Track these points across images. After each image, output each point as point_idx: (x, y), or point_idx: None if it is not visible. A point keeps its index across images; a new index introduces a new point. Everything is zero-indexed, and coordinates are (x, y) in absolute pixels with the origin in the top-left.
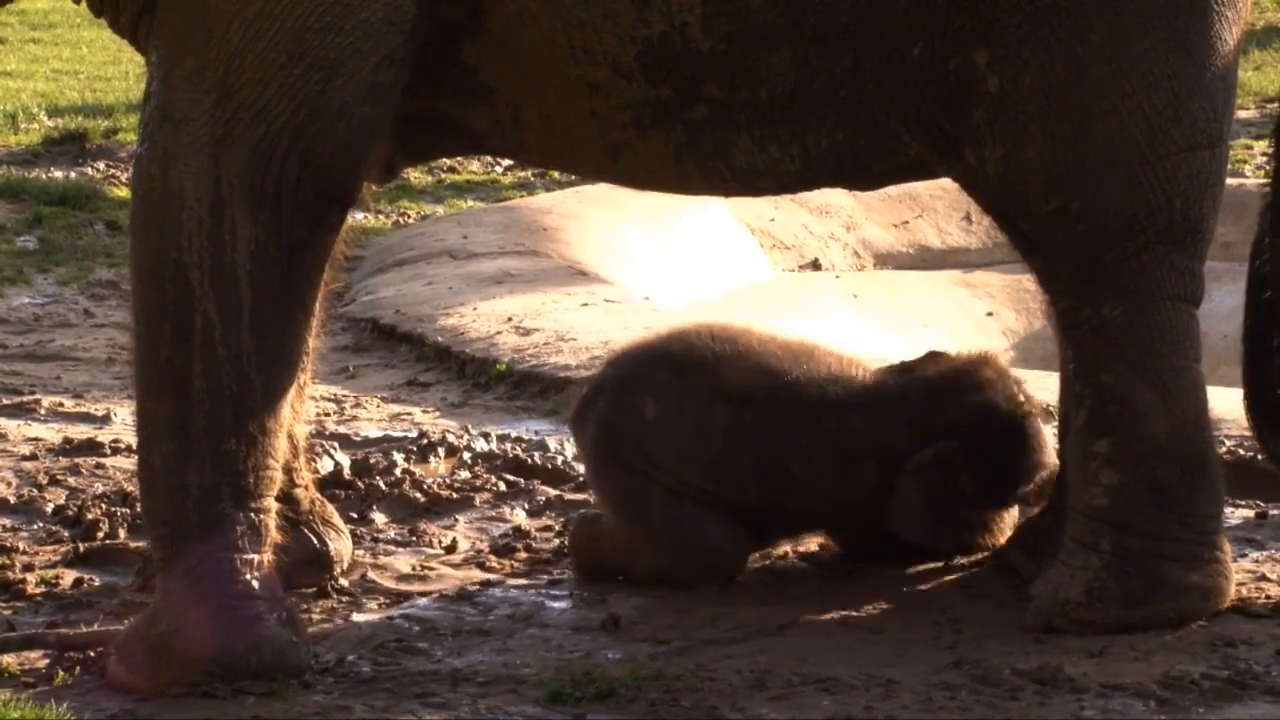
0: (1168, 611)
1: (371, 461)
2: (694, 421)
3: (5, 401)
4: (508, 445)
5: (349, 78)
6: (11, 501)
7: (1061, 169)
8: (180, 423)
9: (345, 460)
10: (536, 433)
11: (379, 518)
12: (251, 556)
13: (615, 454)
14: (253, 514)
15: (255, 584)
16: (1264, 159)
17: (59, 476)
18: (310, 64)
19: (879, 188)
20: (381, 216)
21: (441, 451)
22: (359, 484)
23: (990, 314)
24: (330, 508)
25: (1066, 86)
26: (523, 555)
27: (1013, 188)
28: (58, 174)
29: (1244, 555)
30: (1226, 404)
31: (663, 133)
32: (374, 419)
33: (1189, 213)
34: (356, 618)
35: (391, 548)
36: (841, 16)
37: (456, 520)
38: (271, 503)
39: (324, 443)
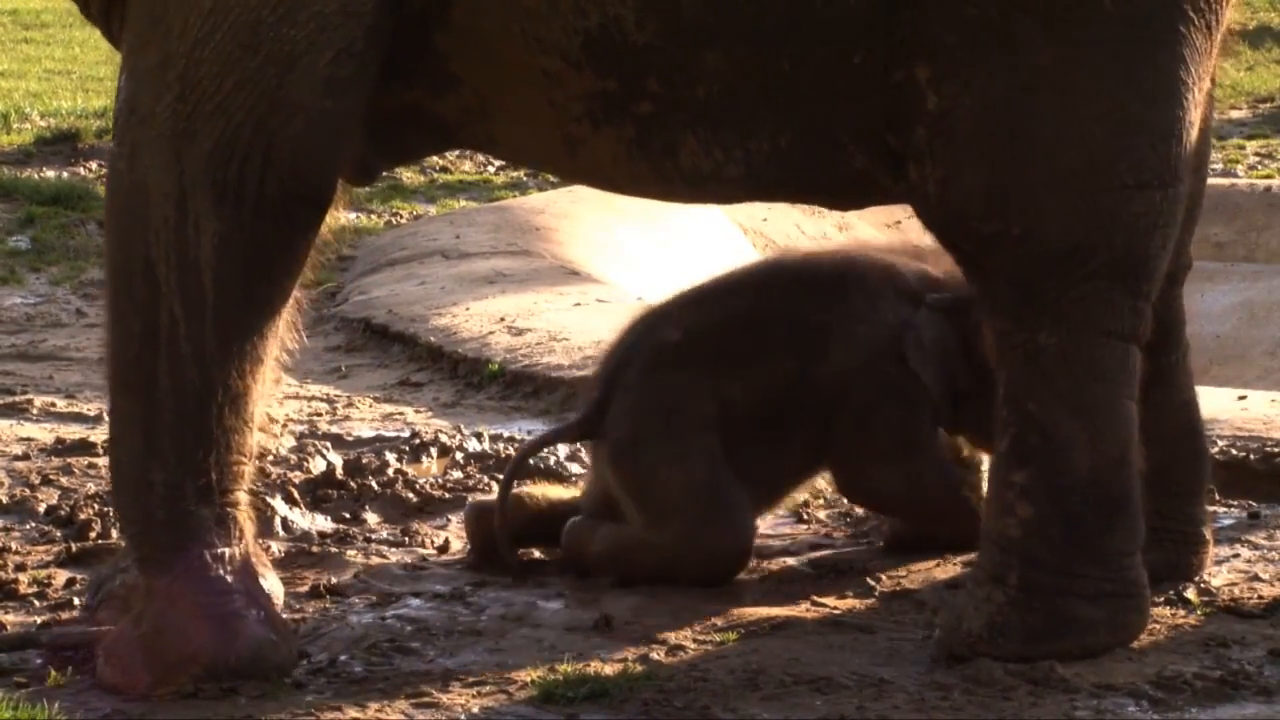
0: (1071, 648)
1: (364, 461)
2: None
3: None
4: (500, 445)
5: (305, 71)
6: (4, 501)
7: (1001, 193)
8: (145, 419)
9: (338, 460)
10: (529, 433)
11: (371, 518)
12: (222, 550)
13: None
14: (220, 508)
15: (229, 578)
16: (1257, 159)
17: (51, 476)
18: (266, 57)
19: (845, 206)
20: (374, 216)
21: (434, 451)
22: (351, 484)
23: None
24: (261, 553)
25: (1008, 110)
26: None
27: (953, 209)
28: (50, 174)
29: (1236, 555)
30: (1220, 404)
31: (614, 128)
32: (366, 419)
33: (1132, 251)
34: (349, 618)
35: (384, 548)
36: (772, 19)
37: (449, 520)
38: (242, 496)
39: (316, 442)
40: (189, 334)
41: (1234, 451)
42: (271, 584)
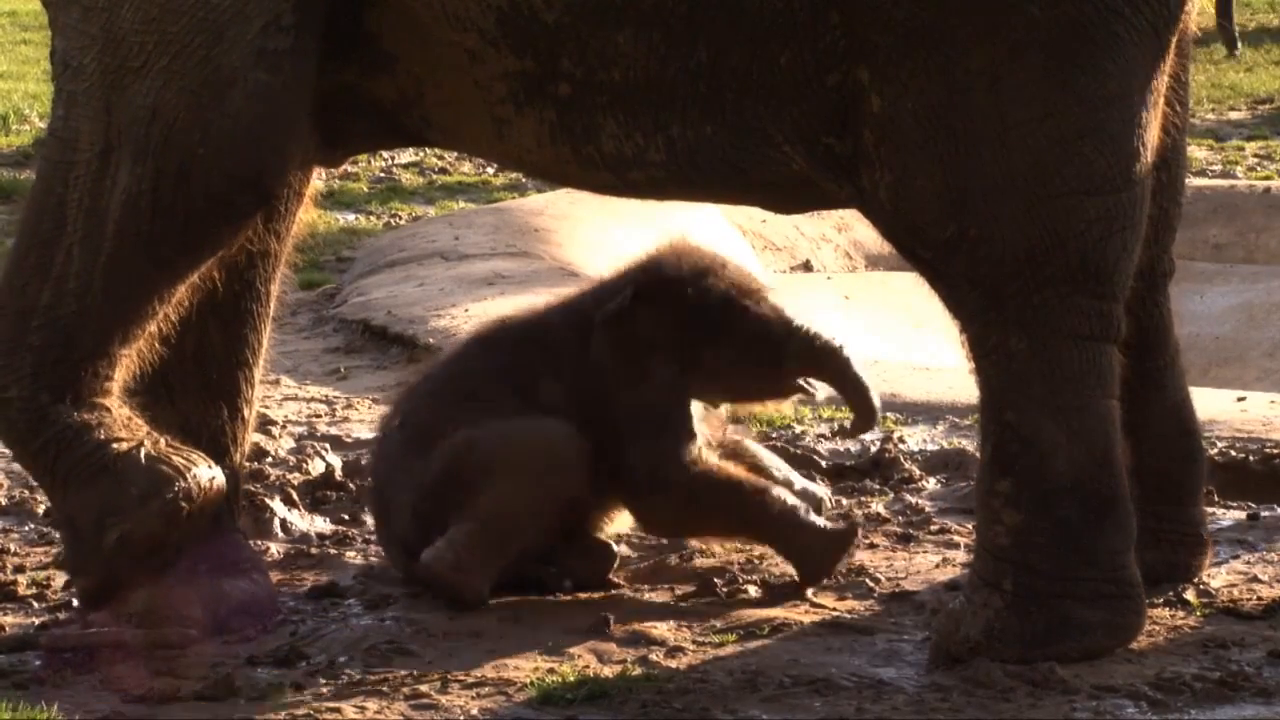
0: (1070, 651)
1: (363, 463)
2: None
3: None
4: None
5: (234, 42)
6: (3, 503)
7: (955, 195)
8: (14, 341)
9: (337, 461)
10: None
11: (370, 519)
12: (85, 417)
13: None
14: (77, 401)
15: (98, 436)
16: (1256, 160)
17: None
18: (190, 23)
19: (789, 209)
20: (373, 218)
21: None
22: (350, 485)
23: None
24: (257, 555)
25: (949, 111)
26: None
27: (907, 215)
28: None
29: (1235, 557)
30: (1219, 405)
31: (536, 109)
32: (365, 420)
33: (1088, 257)
34: (348, 619)
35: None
36: (681, 6)
37: None
38: (107, 400)
39: (315, 444)
40: (79, 273)
41: (1233, 453)
42: (266, 589)
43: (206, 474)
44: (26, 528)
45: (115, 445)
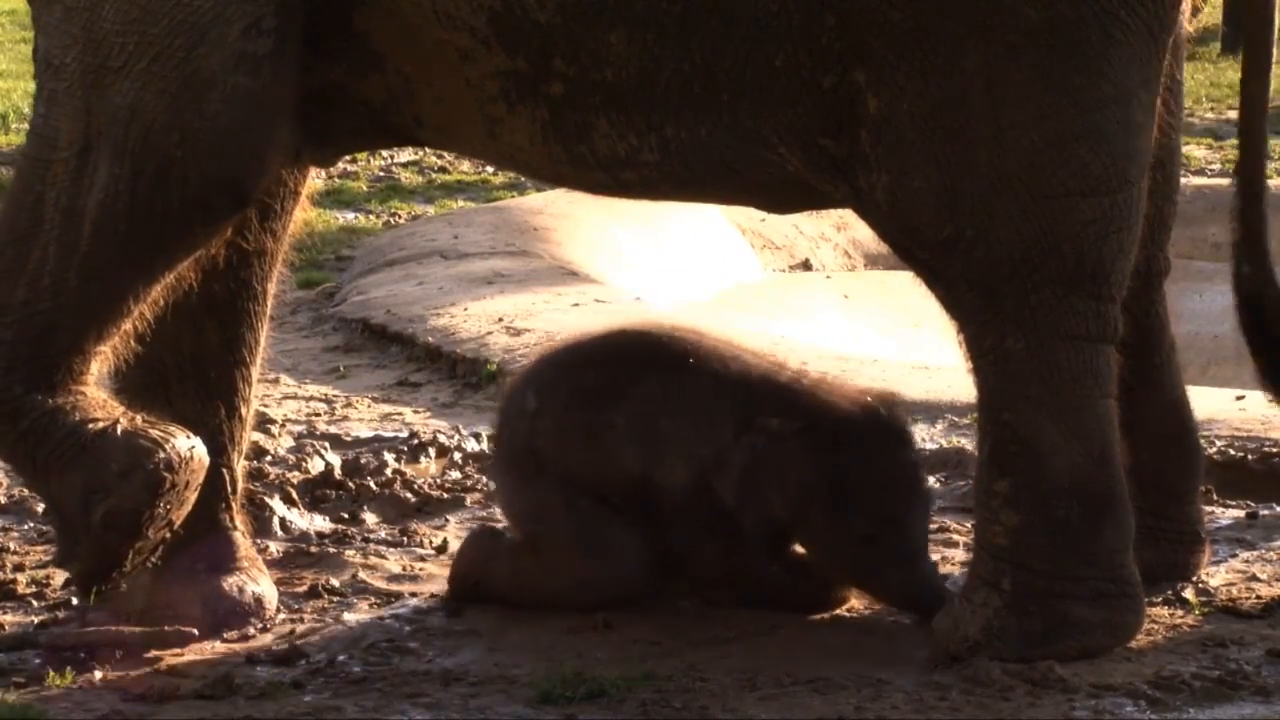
0: (1069, 650)
1: (362, 462)
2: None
3: None
4: None
5: (214, 45)
6: (2, 501)
7: (951, 196)
8: None
9: (336, 460)
10: None
11: (370, 518)
12: (60, 402)
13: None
14: (53, 390)
15: (75, 415)
16: None
17: None
18: (170, 25)
19: (784, 209)
20: (372, 217)
21: (432, 452)
22: (349, 484)
23: None
24: (256, 554)
25: (945, 113)
26: None
27: (903, 216)
28: None
29: (1234, 555)
30: (1218, 404)
31: (528, 108)
32: (365, 419)
33: (1084, 259)
34: (347, 618)
35: (382, 548)
36: (675, 7)
37: (447, 520)
38: (82, 387)
39: (314, 443)
40: (55, 270)
41: (1232, 452)
42: (265, 588)
43: (185, 444)
44: (26, 526)
45: (91, 425)
